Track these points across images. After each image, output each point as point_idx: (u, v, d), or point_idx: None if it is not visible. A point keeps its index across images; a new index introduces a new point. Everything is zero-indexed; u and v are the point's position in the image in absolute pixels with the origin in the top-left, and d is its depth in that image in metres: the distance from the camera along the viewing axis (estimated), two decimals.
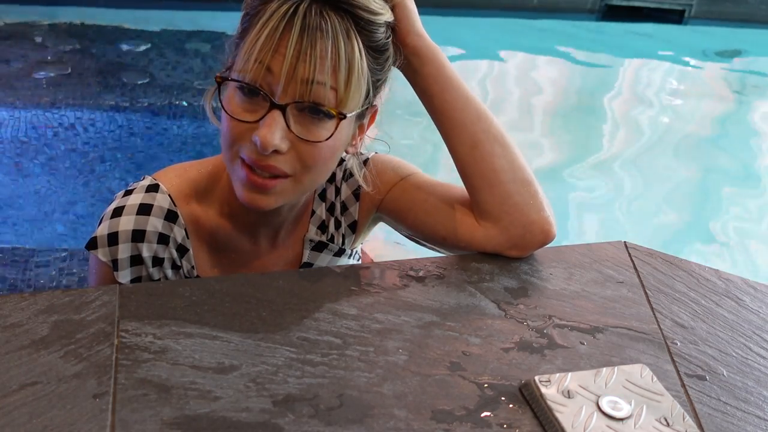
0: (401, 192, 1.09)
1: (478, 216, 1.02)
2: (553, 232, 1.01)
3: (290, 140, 0.90)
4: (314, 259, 1.12)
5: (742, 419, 0.80)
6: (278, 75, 0.87)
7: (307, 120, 0.90)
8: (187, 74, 3.31)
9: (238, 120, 0.90)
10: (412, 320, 0.88)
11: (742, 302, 0.99)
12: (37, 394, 0.71)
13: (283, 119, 0.88)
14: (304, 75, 0.86)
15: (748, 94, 4.66)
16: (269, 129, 0.88)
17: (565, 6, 5.14)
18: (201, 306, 0.85)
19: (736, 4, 5.42)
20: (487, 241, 1.02)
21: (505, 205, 1.00)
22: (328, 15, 0.87)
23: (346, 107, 0.91)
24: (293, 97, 0.88)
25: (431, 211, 1.05)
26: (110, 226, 0.98)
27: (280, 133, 0.88)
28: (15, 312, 0.82)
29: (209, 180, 1.05)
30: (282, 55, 0.86)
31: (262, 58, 0.86)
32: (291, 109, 0.89)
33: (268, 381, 0.76)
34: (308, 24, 0.86)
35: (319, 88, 0.87)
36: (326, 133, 0.91)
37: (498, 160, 1.00)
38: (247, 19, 0.90)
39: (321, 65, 0.86)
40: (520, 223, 1.00)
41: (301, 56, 0.86)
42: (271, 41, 0.86)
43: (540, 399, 0.76)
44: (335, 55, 0.87)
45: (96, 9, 3.96)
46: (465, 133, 1.01)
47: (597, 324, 0.91)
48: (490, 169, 1.00)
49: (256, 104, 0.89)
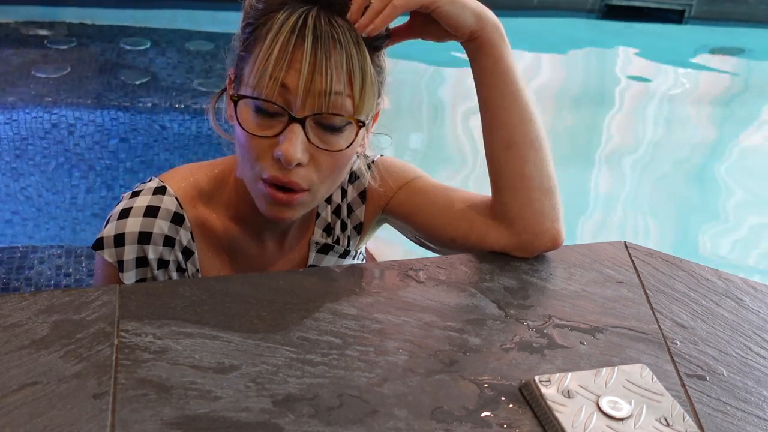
0: (408, 194, 1.09)
1: (493, 214, 1.02)
2: (561, 241, 1.01)
3: (310, 152, 0.90)
4: (320, 261, 1.12)
5: (742, 419, 0.80)
6: (295, 90, 0.86)
7: (326, 131, 0.90)
8: (187, 74, 3.31)
9: (257, 136, 0.89)
10: (412, 320, 0.88)
11: (742, 302, 0.99)
12: (37, 394, 0.71)
13: (303, 132, 0.88)
14: (321, 87, 0.86)
15: (748, 94, 4.66)
16: (291, 143, 0.87)
17: (565, 6, 5.14)
18: (201, 306, 0.85)
19: (736, 4, 5.42)
20: (496, 241, 1.02)
21: (524, 210, 0.99)
22: (336, 23, 0.87)
23: (362, 113, 0.91)
24: (312, 110, 0.88)
25: (439, 212, 1.05)
26: (117, 227, 0.98)
27: (302, 146, 0.88)
28: (15, 312, 0.82)
29: (216, 183, 1.05)
30: (297, 70, 0.85)
31: (276, 74, 0.86)
32: (309, 122, 0.88)
33: (268, 381, 0.76)
34: (320, 35, 0.85)
35: (337, 98, 0.87)
36: (345, 141, 0.91)
37: (529, 165, 0.99)
38: (251, 31, 0.89)
39: (337, 76, 0.86)
40: (534, 230, 1.00)
41: (316, 69, 0.85)
42: (284, 56, 0.85)
43: (540, 399, 0.76)
44: (349, 64, 0.87)
45: (96, 9, 3.96)
46: (503, 132, 0.99)
47: (597, 324, 0.91)
48: (518, 173, 0.99)
49: (274, 119, 0.89)
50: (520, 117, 0.99)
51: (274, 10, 0.87)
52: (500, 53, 0.97)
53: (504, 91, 0.98)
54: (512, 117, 0.99)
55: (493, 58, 0.97)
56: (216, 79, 3.25)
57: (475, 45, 0.97)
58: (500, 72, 0.97)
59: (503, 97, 0.98)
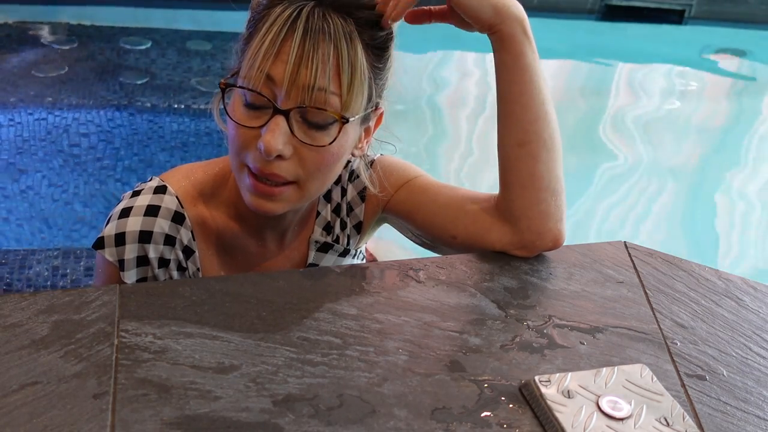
0: (408, 193, 1.09)
1: (498, 211, 1.01)
2: (562, 241, 1.01)
3: (294, 146, 0.90)
4: (319, 260, 1.13)
5: (742, 419, 0.80)
6: (280, 81, 0.87)
7: (311, 126, 0.90)
8: (186, 73, 3.31)
9: (242, 126, 0.90)
10: (412, 320, 0.87)
11: (742, 302, 0.99)
12: (37, 394, 0.71)
13: (287, 124, 0.89)
14: (306, 80, 0.86)
15: (748, 94, 4.66)
16: (272, 134, 0.88)
17: (565, 6, 5.14)
18: (201, 306, 0.85)
19: (736, 4, 5.42)
20: (498, 239, 1.01)
21: (530, 210, 0.99)
22: (330, 18, 0.87)
23: (349, 111, 0.90)
24: (296, 103, 0.88)
25: (440, 210, 1.05)
26: (118, 226, 0.98)
27: (283, 138, 0.89)
28: (15, 312, 0.82)
29: (216, 182, 1.06)
30: (284, 61, 0.86)
31: (263, 65, 0.86)
32: (294, 115, 0.89)
33: (268, 381, 0.76)
34: (310, 28, 0.86)
35: (321, 93, 0.87)
36: (329, 138, 0.91)
37: (539, 165, 0.99)
38: (252, 24, 0.90)
39: (323, 70, 0.86)
40: (537, 229, 0.99)
41: (303, 62, 0.85)
42: (273, 47, 0.86)
43: (540, 399, 0.76)
44: (337, 58, 0.87)
45: (96, 8, 3.96)
46: (517, 129, 0.99)
47: (597, 324, 0.91)
48: (528, 172, 0.99)
49: (261, 111, 0.89)
50: (536, 115, 0.98)
51: (275, 6, 0.88)
52: (520, 49, 0.95)
53: (522, 89, 0.97)
54: (528, 115, 0.98)
55: (513, 54, 0.96)
56: (215, 78, 3.25)
57: (495, 38, 0.96)
58: (519, 68, 0.96)
59: (520, 94, 0.97)
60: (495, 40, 0.96)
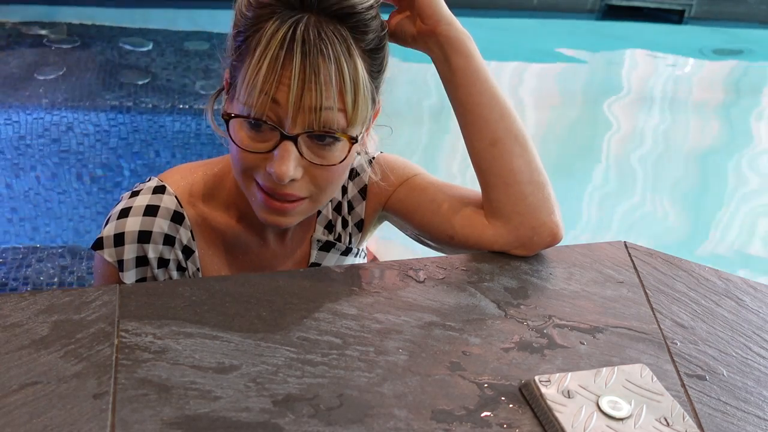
0: (408, 191, 1.09)
1: (488, 214, 1.02)
2: (560, 235, 1.01)
3: (304, 166, 0.90)
4: (322, 258, 1.12)
5: (742, 419, 0.80)
6: (285, 106, 0.85)
7: (319, 145, 0.89)
8: (186, 73, 3.31)
9: (249, 152, 0.89)
10: (412, 320, 0.88)
11: (742, 302, 0.99)
12: (37, 394, 0.71)
13: (296, 149, 0.88)
14: (311, 103, 0.85)
15: (748, 94, 4.66)
16: (283, 161, 0.87)
17: (565, 6, 5.14)
18: (201, 306, 0.85)
19: (736, 4, 5.43)
20: (495, 239, 1.01)
21: (518, 205, 0.99)
22: (326, 33, 0.85)
23: (356, 125, 0.90)
24: (303, 127, 0.87)
25: (438, 209, 1.05)
26: (117, 226, 0.98)
27: (294, 163, 0.88)
28: (15, 312, 0.82)
29: (215, 181, 1.05)
30: (287, 86, 0.84)
31: (266, 90, 0.85)
32: (302, 138, 0.88)
33: (268, 381, 0.76)
34: (309, 50, 0.84)
35: (328, 113, 0.87)
36: (340, 155, 0.91)
37: (516, 159, 0.99)
38: (243, 40, 0.88)
39: (327, 91, 0.85)
40: (530, 224, 0.99)
41: (306, 85, 0.84)
42: (273, 72, 0.84)
43: (540, 399, 0.76)
44: (340, 78, 0.86)
45: (96, 8, 3.96)
46: (486, 129, 1.00)
47: (597, 324, 0.91)
48: (507, 169, 0.99)
49: (266, 134, 0.88)
50: (501, 113, 1.00)
51: (265, 20, 0.86)
52: (471, 51, 0.99)
53: (481, 89, 0.99)
54: (493, 113, 0.99)
55: (465, 55, 0.98)
56: (215, 79, 3.25)
57: (443, 41, 0.98)
58: (474, 69, 0.99)
59: (481, 94, 0.99)
60: (443, 43, 0.98)
